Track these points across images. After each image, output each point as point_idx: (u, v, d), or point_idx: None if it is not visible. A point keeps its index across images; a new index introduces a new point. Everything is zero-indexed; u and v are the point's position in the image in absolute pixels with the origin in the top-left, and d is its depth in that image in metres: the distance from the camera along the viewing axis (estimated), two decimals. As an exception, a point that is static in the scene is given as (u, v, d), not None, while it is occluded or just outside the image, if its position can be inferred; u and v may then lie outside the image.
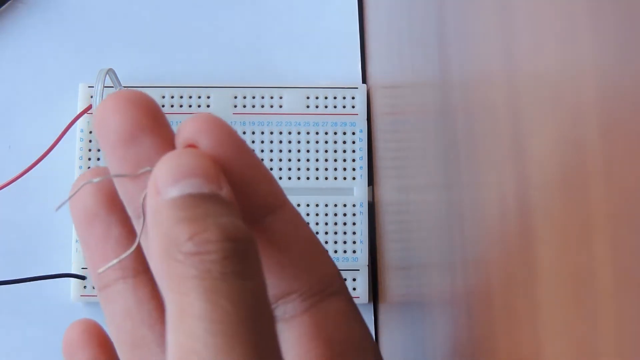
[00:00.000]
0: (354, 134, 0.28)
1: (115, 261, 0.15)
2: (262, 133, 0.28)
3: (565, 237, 0.10)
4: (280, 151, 0.28)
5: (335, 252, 0.27)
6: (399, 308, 0.23)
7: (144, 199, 0.14)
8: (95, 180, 0.15)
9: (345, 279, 0.27)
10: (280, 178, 0.28)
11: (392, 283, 0.24)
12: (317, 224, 0.27)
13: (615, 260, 0.09)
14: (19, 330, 0.28)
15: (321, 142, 0.28)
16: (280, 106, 0.28)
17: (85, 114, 0.28)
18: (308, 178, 0.28)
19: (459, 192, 0.15)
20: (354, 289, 0.27)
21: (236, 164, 0.14)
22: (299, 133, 0.28)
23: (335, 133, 0.28)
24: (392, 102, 0.24)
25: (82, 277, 0.27)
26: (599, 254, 0.09)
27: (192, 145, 0.14)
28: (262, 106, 0.28)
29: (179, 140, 0.14)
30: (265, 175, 0.16)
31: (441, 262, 0.17)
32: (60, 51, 0.30)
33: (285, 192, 0.28)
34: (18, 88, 0.29)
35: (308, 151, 0.28)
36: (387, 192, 0.25)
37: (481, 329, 0.13)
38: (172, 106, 0.28)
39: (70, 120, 0.27)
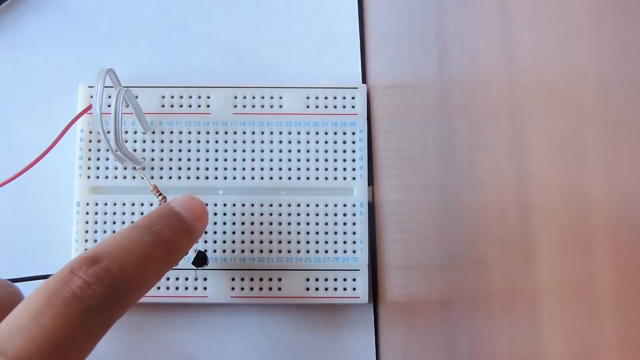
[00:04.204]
0: (354, 134, 0.28)
1: None
2: (262, 133, 0.28)
3: (565, 237, 0.10)
4: (280, 151, 0.28)
5: (335, 252, 0.27)
6: (399, 308, 0.23)
7: None
8: None
9: (345, 279, 0.27)
10: (280, 178, 0.28)
11: (392, 283, 0.24)
12: (317, 224, 0.27)
13: (615, 260, 0.09)
14: (19, 330, 0.28)
15: (321, 142, 0.28)
16: (280, 106, 0.28)
17: (85, 114, 0.28)
18: (308, 178, 0.28)
19: (459, 192, 0.15)
20: (354, 289, 0.27)
21: None
22: (299, 133, 0.28)
23: (335, 133, 0.28)
24: (392, 102, 0.24)
25: (82, 277, 0.27)
26: (599, 253, 0.09)
27: None
28: (262, 106, 0.28)
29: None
30: None
31: (441, 262, 0.17)
32: (60, 51, 0.30)
33: (285, 192, 0.28)
34: (18, 88, 0.29)
35: (308, 151, 0.28)
36: (387, 192, 0.25)
37: (481, 329, 0.13)
38: (172, 106, 0.28)
39: (70, 120, 0.27)
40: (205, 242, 0.27)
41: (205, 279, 0.27)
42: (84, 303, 0.19)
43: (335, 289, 0.27)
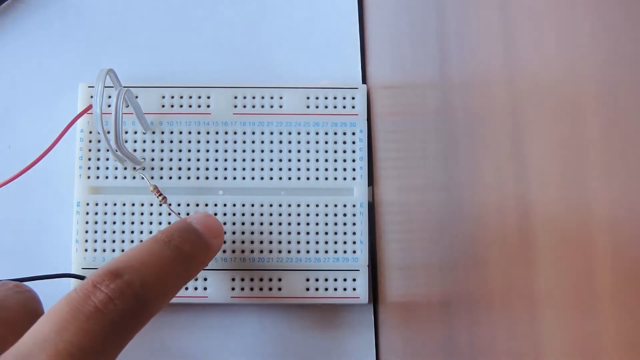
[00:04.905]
0: (354, 134, 0.28)
1: None
2: (262, 133, 0.28)
3: (565, 237, 0.10)
4: (280, 151, 0.28)
5: (335, 252, 0.27)
6: (399, 308, 0.23)
7: None
8: None
9: (345, 279, 0.27)
10: (280, 178, 0.28)
11: (392, 283, 0.24)
12: (317, 224, 0.27)
13: (614, 260, 0.09)
14: (19, 330, 0.28)
15: (321, 142, 0.28)
16: (280, 106, 0.28)
17: (85, 114, 0.28)
18: (308, 178, 0.28)
19: (459, 192, 0.15)
20: (354, 289, 0.27)
21: None
22: (299, 133, 0.28)
23: (335, 133, 0.28)
24: (392, 102, 0.24)
25: (82, 277, 0.27)
26: (598, 253, 0.09)
27: None
28: (262, 106, 0.28)
29: None
30: None
31: (441, 262, 0.17)
32: (60, 51, 0.30)
33: (286, 192, 0.28)
34: (18, 88, 0.29)
35: (308, 151, 0.28)
36: (387, 192, 0.25)
37: (481, 329, 0.13)
38: (172, 106, 0.28)
39: (70, 120, 0.27)
40: (205, 242, 0.27)
41: (205, 279, 0.27)
42: (107, 318, 0.19)
43: (335, 289, 0.27)
